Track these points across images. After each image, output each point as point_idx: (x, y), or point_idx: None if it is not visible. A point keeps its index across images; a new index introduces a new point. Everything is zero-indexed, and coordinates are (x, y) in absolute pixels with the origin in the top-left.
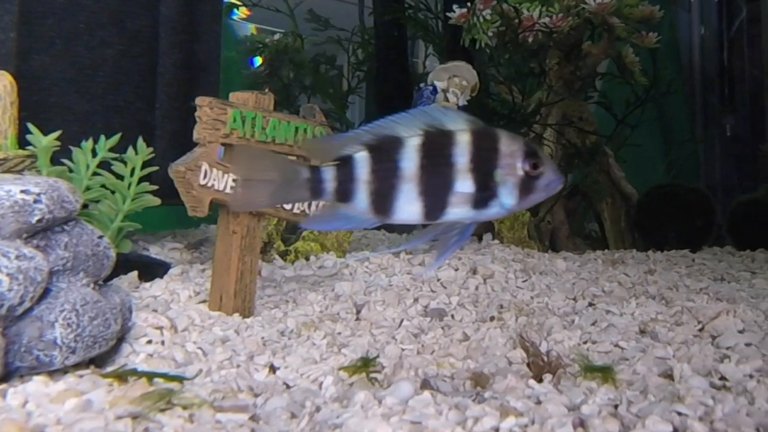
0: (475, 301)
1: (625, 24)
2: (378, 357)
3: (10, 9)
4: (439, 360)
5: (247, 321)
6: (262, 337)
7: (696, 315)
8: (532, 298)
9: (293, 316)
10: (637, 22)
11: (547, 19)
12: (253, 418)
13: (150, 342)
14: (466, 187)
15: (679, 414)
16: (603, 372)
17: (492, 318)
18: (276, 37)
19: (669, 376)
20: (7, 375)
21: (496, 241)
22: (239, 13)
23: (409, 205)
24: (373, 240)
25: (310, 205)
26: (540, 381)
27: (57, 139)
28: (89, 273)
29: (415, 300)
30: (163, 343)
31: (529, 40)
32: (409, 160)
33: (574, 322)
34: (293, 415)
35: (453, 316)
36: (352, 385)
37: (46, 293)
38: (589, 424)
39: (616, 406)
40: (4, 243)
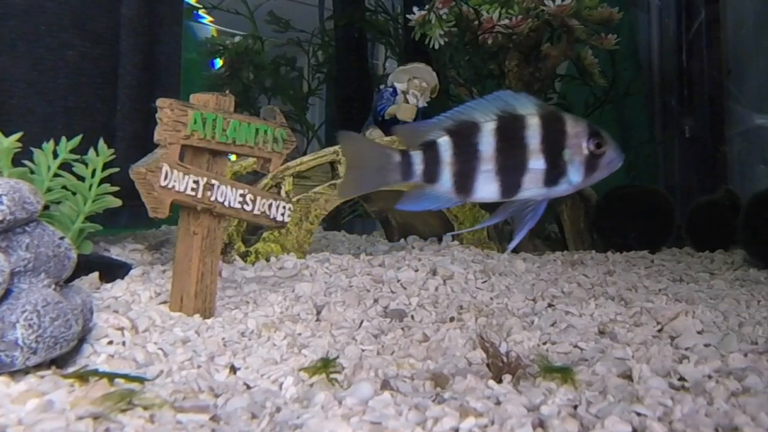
0: (434, 302)
1: (585, 26)
2: (338, 358)
3: None
4: (399, 361)
5: (208, 322)
6: (223, 338)
7: (655, 316)
8: (491, 299)
9: (254, 317)
10: (596, 24)
11: (506, 21)
12: (214, 419)
13: (111, 343)
14: (538, 166)
15: (638, 414)
16: (562, 372)
17: (452, 319)
18: (236, 39)
19: (628, 376)
20: None
21: (456, 242)
22: (207, 20)
23: (487, 185)
24: (333, 241)
25: (271, 206)
26: (499, 381)
27: (18, 140)
28: (50, 274)
29: (375, 301)
30: (124, 343)
31: (489, 41)
32: (487, 143)
33: (533, 322)
34: (254, 416)
35: (413, 317)
36: (312, 385)
37: (7, 294)
38: (548, 424)
39: (576, 407)
40: None
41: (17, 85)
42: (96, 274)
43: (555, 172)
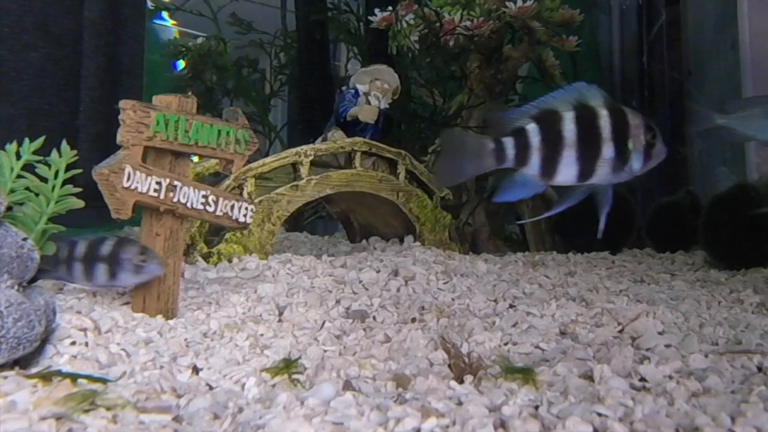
0: (396, 302)
1: (546, 27)
2: (300, 358)
3: None
4: (361, 361)
5: (170, 323)
6: (185, 339)
7: (616, 316)
8: (453, 299)
9: (216, 317)
10: (557, 26)
11: (468, 23)
12: (176, 419)
13: (74, 343)
14: (609, 153)
15: (599, 415)
16: (523, 373)
17: (413, 319)
18: (199, 40)
19: (589, 377)
20: None
21: (418, 243)
22: (169, 22)
23: (568, 169)
24: (295, 242)
25: (233, 208)
26: (461, 382)
27: None
28: (13, 275)
29: (337, 302)
30: (86, 344)
31: (450, 43)
32: (568, 131)
33: (494, 323)
34: (216, 416)
35: (375, 318)
36: (274, 386)
37: None
38: (509, 425)
39: (537, 407)
40: None
41: None
42: None
43: (621, 159)
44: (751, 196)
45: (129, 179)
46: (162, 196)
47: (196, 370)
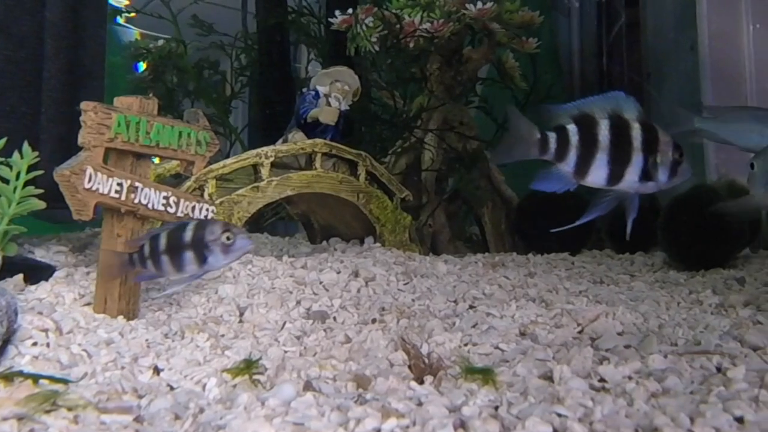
0: (357, 303)
1: (506, 29)
2: (261, 359)
3: None
4: (322, 362)
5: (132, 323)
6: (147, 340)
7: (575, 317)
8: (413, 300)
9: (177, 318)
10: (517, 28)
11: (428, 25)
12: (138, 420)
13: (35, 344)
14: (638, 162)
15: (559, 415)
16: (483, 374)
17: (374, 320)
18: (160, 42)
19: (549, 377)
20: None
21: (378, 244)
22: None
23: (600, 171)
24: (255, 243)
25: (194, 209)
26: (421, 383)
27: None
28: None
29: (298, 302)
30: (48, 345)
31: (411, 45)
32: (603, 135)
33: (454, 324)
34: (177, 417)
35: (335, 319)
36: (235, 386)
37: None
38: (469, 425)
39: (497, 408)
40: None
41: None
42: (20, 276)
43: (649, 170)
44: (710, 198)
45: (90, 180)
46: (123, 197)
47: (157, 371)
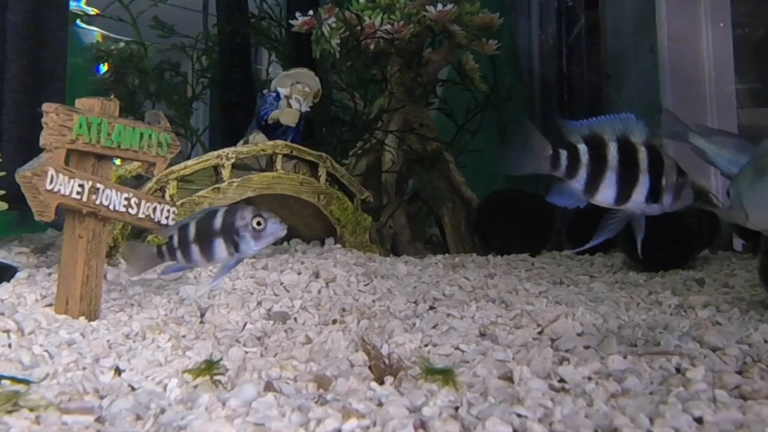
0: (317, 304)
1: (466, 31)
2: (222, 360)
3: None
4: (282, 362)
5: (93, 324)
6: (108, 340)
7: (535, 318)
8: (373, 301)
9: (138, 319)
10: (477, 30)
11: (388, 27)
12: (99, 420)
13: None
14: (645, 184)
15: (519, 416)
16: (444, 374)
17: (334, 321)
18: (121, 44)
19: (509, 378)
20: None
21: (339, 245)
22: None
23: (608, 190)
24: None
25: (155, 210)
26: (381, 383)
27: None
28: None
29: (259, 303)
30: (9, 345)
31: (371, 47)
32: (612, 156)
33: (415, 325)
34: (138, 417)
35: (296, 320)
36: (196, 387)
37: None
38: (430, 425)
39: (457, 408)
40: None
41: None
42: None
43: (655, 192)
44: None
45: (52, 182)
46: (85, 199)
47: (118, 372)
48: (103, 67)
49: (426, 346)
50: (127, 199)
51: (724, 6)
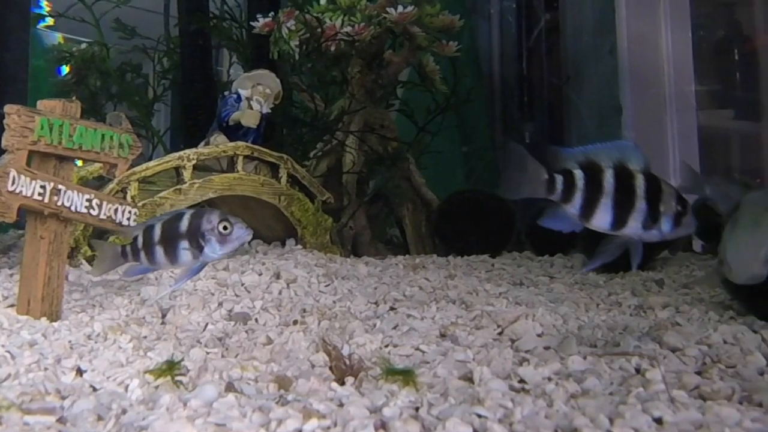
0: (278, 305)
1: (426, 33)
2: (183, 360)
3: None
4: (243, 363)
5: (55, 325)
6: (70, 341)
7: (495, 319)
8: (334, 302)
9: (100, 320)
10: (437, 32)
11: (349, 28)
12: (61, 420)
13: None
14: (642, 210)
15: (479, 416)
16: (404, 375)
17: (295, 322)
18: (83, 46)
19: (469, 378)
20: None
21: (299, 246)
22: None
23: (604, 215)
24: None
25: (117, 211)
26: (342, 384)
27: None
28: None
29: (220, 304)
30: None
31: (332, 48)
32: (608, 182)
33: (375, 326)
34: (100, 417)
35: (257, 320)
36: (157, 387)
37: None
38: (390, 426)
39: (417, 409)
40: None
41: None
42: None
43: (653, 219)
44: None
45: (14, 183)
46: (46, 200)
47: (80, 372)
48: (65, 69)
49: (387, 346)
50: (89, 200)
51: (684, 8)
